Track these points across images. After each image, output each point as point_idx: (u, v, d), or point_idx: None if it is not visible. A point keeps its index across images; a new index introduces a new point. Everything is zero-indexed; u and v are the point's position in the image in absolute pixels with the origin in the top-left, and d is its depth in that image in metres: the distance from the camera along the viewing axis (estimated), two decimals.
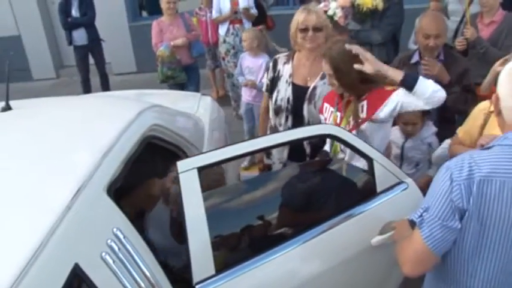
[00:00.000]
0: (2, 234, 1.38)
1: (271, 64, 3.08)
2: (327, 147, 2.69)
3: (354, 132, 2.41)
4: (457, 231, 1.50)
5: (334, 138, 2.14)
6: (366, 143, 2.17)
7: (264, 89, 3.16)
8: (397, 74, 2.29)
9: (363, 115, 2.44)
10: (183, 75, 5.40)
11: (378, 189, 2.19)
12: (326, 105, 2.68)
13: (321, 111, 2.73)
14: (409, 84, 2.25)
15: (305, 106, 2.86)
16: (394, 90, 2.35)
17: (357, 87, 2.47)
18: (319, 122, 2.72)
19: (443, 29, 3.21)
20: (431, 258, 1.55)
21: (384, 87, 2.41)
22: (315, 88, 2.85)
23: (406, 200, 2.24)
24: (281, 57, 3.05)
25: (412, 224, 1.63)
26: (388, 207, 2.19)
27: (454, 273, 1.60)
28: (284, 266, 1.97)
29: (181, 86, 5.43)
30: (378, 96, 2.41)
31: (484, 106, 2.55)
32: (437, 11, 4.10)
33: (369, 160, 2.16)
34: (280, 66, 3.00)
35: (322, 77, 2.79)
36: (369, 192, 2.20)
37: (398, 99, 2.32)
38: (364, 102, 2.46)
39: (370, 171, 2.18)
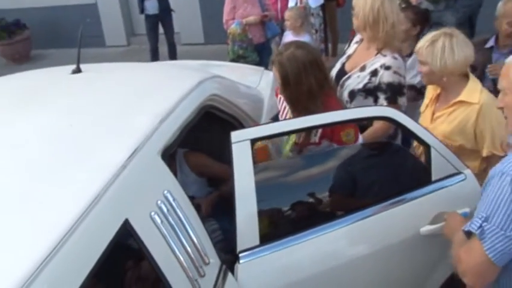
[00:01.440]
0: (60, 185, 1.48)
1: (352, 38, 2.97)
2: None
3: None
4: None
5: (391, 121, 2.09)
6: (425, 128, 2.11)
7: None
8: None
9: (315, 139, 2.29)
10: (255, 56, 5.31)
11: (433, 178, 2.13)
12: (281, 96, 2.51)
13: (276, 96, 2.61)
14: None
15: (337, 91, 2.72)
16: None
17: (301, 105, 2.23)
18: None
19: None
20: (494, 270, 1.48)
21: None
22: (348, 78, 2.69)
23: (462, 191, 2.16)
24: (358, 34, 2.89)
25: (468, 234, 1.54)
26: (442, 197, 2.12)
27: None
28: (328, 245, 1.98)
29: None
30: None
31: None
32: None
33: (427, 147, 2.10)
34: (352, 43, 2.90)
35: (361, 69, 2.64)
36: (423, 179, 2.14)
37: None
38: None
39: (427, 158, 2.12)
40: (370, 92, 2.61)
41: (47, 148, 1.68)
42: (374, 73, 2.59)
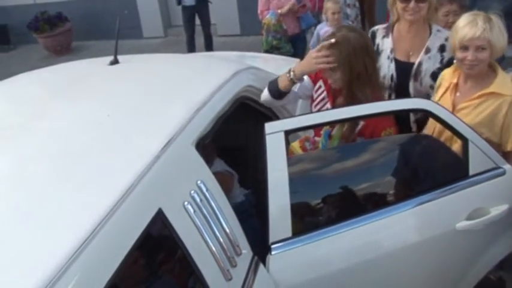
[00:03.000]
0: (95, 173, 1.53)
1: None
2: None
3: None
4: None
5: (428, 113, 2.04)
6: (463, 122, 2.06)
7: None
8: None
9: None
10: (289, 47, 5.29)
11: (471, 172, 2.07)
12: (321, 84, 2.46)
13: (314, 82, 2.53)
14: None
15: (411, 84, 2.67)
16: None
17: (349, 90, 2.21)
18: None
19: None
20: None
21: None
22: (420, 64, 2.64)
23: (500, 186, 2.10)
24: (379, 29, 2.83)
25: None
26: (479, 192, 2.07)
27: None
28: (362, 239, 1.95)
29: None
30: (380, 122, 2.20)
31: None
32: None
33: (464, 140, 2.05)
34: (378, 40, 2.81)
35: (427, 51, 2.61)
36: (460, 173, 2.09)
37: None
38: (361, 123, 2.23)
39: (464, 152, 2.07)
40: (445, 68, 2.58)
41: (84, 137, 1.73)
42: (442, 48, 2.61)
